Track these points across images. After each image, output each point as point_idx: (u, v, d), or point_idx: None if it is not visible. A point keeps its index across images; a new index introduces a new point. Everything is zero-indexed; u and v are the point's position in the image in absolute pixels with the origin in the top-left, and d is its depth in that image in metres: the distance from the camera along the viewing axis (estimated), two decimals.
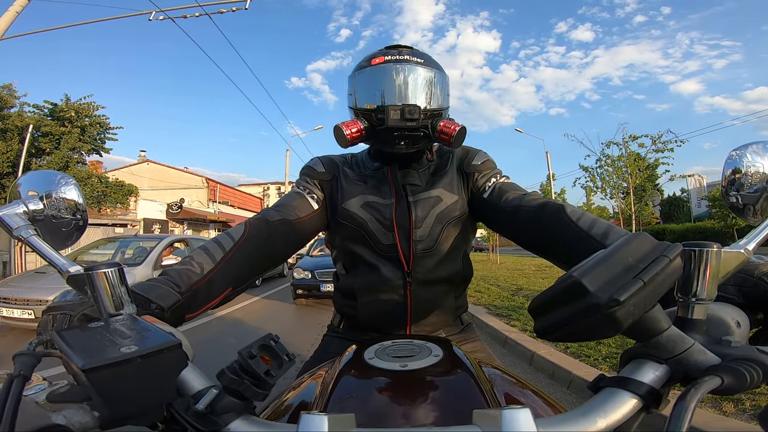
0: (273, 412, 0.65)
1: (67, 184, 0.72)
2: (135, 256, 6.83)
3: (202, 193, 26.07)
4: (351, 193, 1.01)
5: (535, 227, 0.86)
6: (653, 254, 0.38)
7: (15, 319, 5.01)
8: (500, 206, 0.95)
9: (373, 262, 0.99)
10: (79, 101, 15.31)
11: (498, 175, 1.02)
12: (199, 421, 0.39)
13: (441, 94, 0.97)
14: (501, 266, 14.34)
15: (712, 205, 17.97)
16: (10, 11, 8.12)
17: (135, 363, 0.37)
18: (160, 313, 0.62)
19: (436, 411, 0.54)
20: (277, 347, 0.42)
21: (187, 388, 0.42)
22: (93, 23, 9.99)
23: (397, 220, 0.97)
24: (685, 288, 0.43)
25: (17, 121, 13.73)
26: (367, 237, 0.99)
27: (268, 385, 0.40)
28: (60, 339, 0.40)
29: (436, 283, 1.00)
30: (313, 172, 1.05)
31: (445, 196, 1.00)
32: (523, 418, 0.34)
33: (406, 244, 0.97)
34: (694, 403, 0.34)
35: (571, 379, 3.18)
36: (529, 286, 8.40)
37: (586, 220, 0.77)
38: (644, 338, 0.40)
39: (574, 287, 0.36)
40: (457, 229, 1.01)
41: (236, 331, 5.57)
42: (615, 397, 0.39)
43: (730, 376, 0.36)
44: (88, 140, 15.59)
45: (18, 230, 0.63)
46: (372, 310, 1.01)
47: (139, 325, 0.45)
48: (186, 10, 8.97)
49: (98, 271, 0.51)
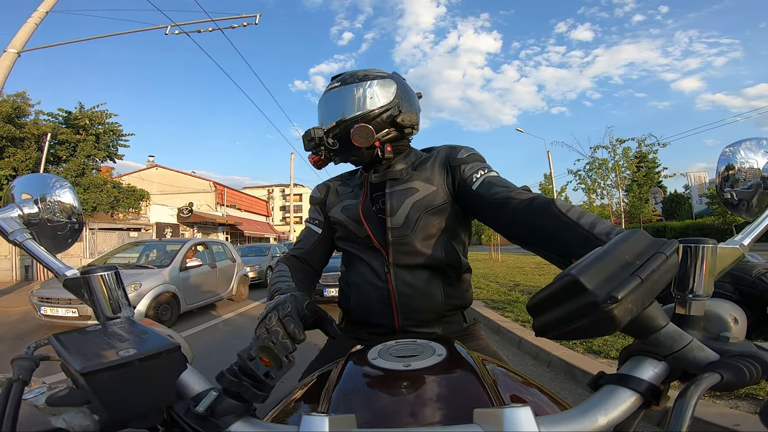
0: (279, 413, 0.65)
1: (62, 187, 0.72)
2: (159, 258, 7.25)
3: (209, 197, 26.34)
4: (334, 203, 1.19)
5: (525, 220, 0.87)
6: (650, 251, 0.38)
7: (59, 317, 5.49)
8: (489, 199, 0.96)
9: (360, 255, 1.12)
10: (92, 109, 15.61)
11: (486, 169, 1.04)
12: (199, 423, 0.39)
13: (361, 101, 1.08)
14: (502, 264, 14.54)
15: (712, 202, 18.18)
16: (29, 23, 8.29)
17: (134, 366, 0.37)
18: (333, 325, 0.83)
19: (439, 410, 0.54)
20: (277, 348, 0.42)
21: (187, 391, 0.42)
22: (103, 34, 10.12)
23: (364, 213, 1.09)
24: (682, 284, 0.43)
25: (33, 129, 13.93)
26: (350, 233, 1.12)
27: (267, 387, 0.40)
28: (58, 343, 0.40)
29: (416, 269, 1.05)
30: (314, 200, 1.27)
31: (421, 186, 1.07)
32: (524, 416, 0.34)
33: (381, 233, 1.07)
34: (694, 400, 0.34)
35: (551, 360, 3.68)
36: (526, 282, 8.73)
37: (575, 212, 0.78)
38: (643, 335, 0.40)
39: (572, 285, 0.36)
40: (437, 218, 1.05)
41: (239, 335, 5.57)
42: (615, 394, 0.39)
43: (729, 372, 0.36)
44: (103, 147, 15.93)
45: (13, 234, 0.63)
46: (362, 300, 1.10)
47: (137, 328, 0.45)
48: (200, 24, 9.45)
49: (95, 274, 0.51)
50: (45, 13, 8.39)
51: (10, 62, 8.17)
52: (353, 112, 1.08)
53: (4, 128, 12.86)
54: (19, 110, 14.12)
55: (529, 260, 15.53)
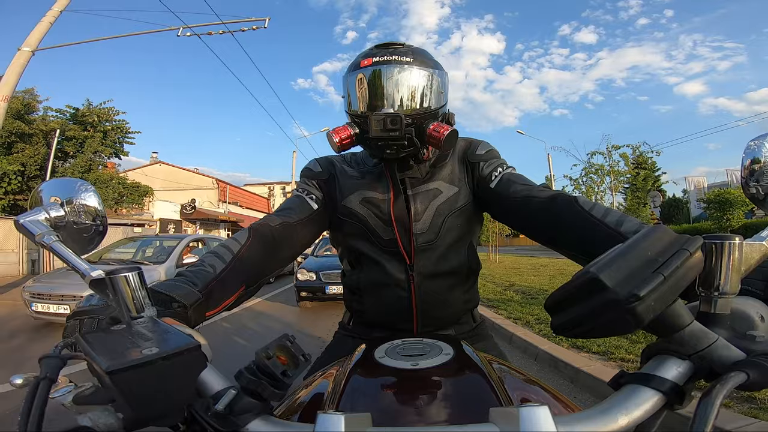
0: (286, 410, 0.66)
1: (87, 191, 0.74)
2: (156, 254, 7.21)
3: (212, 193, 26.65)
4: (350, 190, 1.03)
5: (547, 218, 0.84)
6: (673, 248, 0.37)
7: (50, 314, 5.33)
8: (509, 197, 0.93)
9: (376, 258, 1.00)
10: (99, 105, 15.97)
11: (504, 165, 1.00)
12: (218, 421, 0.39)
13: (432, 94, 0.92)
14: (500, 265, 14.64)
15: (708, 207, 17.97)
16: (43, 22, 8.41)
17: (157, 365, 0.38)
18: (182, 311, 0.63)
19: (449, 409, 0.54)
20: (293, 347, 0.42)
21: (207, 389, 0.43)
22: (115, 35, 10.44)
23: (395, 214, 0.98)
24: (706, 282, 0.42)
25: (42, 126, 14.34)
26: (368, 233, 1.00)
27: (285, 385, 0.40)
28: (84, 342, 0.41)
29: (440, 277, 0.99)
30: (311, 173, 1.07)
31: (444, 187, 1.00)
32: (543, 415, 0.34)
33: (406, 238, 0.98)
34: (719, 400, 0.33)
35: (537, 353, 3.99)
36: (521, 282, 8.96)
37: (600, 209, 0.76)
38: (666, 334, 0.40)
39: (592, 283, 0.35)
40: (460, 221, 1.00)
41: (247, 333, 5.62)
42: (637, 394, 0.39)
43: (756, 371, 0.35)
44: (110, 144, 16.33)
45: (41, 237, 0.65)
46: (378, 305, 1.02)
47: (160, 327, 0.46)
48: (211, 27, 9.61)
49: (120, 275, 0.52)
50: (59, 11, 8.46)
51: (24, 60, 8.21)
52: (435, 103, 0.93)
53: (14, 124, 13.20)
54: (28, 107, 14.52)
55: (525, 261, 15.69)
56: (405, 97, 0.90)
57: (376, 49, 0.93)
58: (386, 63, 0.90)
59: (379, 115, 0.87)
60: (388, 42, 0.95)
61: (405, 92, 0.90)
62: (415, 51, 0.93)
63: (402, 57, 0.90)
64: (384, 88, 0.90)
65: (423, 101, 0.91)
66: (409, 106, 0.90)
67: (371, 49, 0.94)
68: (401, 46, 0.93)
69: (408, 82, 0.90)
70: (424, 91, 0.91)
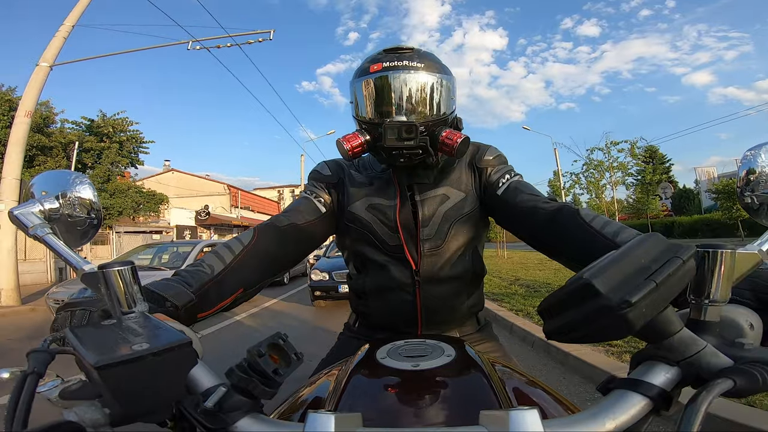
0: (287, 410, 0.66)
1: (82, 183, 0.73)
2: (172, 260, 7.53)
3: (224, 199, 27.15)
4: (356, 196, 1.02)
5: (550, 230, 0.84)
6: (666, 255, 0.37)
7: None
8: (516, 205, 0.93)
9: (382, 263, 1.00)
10: (113, 116, 16.28)
11: (512, 173, 1.00)
12: (207, 418, 0.39)
13: (443, 100, 0.92)
14: (508, 260, 14.91)
15: (717, 197, 18.01)
16: (57, 37, 8.59)
17: (147, 360, 0.37)
18: (174, 311, 0.63)
19: (445, 411, 0.54)
20: (286, 346, 0.42)
21: (197, 386, 0.43)
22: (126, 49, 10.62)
23: (401, 220, 0.98)
24: (698, 289, 0.42)
25: (60, 138, 14.57)
26: (373, 239, 1.00)
27: (276, 384, 0.40)
28: (73, 336, 0.41)
29: (446, 282, 0.99)
30: (320, 176, 1.07)
31: (452, 193, 1.00)
32: (530, 419, 0.34)
33: (412, 243, 0.98)
34: (705, 406, 0.33)
35: (534, 341, 4.37)
36: (526, 277, 9.25)
37: (599, 222, 0.77)
38: (656, 340, 0.40)
39: (585, 288, 0.35)
40: (467, 226, 1.00)
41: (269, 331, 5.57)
42: (625, 399, 0.39)
43: (742, 378, 0.35)
44: (126, 154, 16.70)
45: (34, 229, 0.64)
46: (383, 309, 1.02)
47: (150, 322, 0.46)
48: (219, 40, 10.08)
49: (112, 269, 0.52)
50: (71, 26, 8.69)
51: (43, 76, 8.47)
52: (446, 109, 0.93)
53: (34, 137, 13.30)
54: (46, 119, 14.73)
55: (533, 257, 15.77)
56: (417, 104, 0.90)
57: (385, 54, 0.92)
58: (396, 69, 0.89)
59: (393, 123, 0.86)
60: (396, 46, 0.94)
61: (416, 99, 0.90)
62: (424, 56, 0.92)
63: (411, 62, 0.89)
64: (394, 95, 0.89)
65: (435, 108, 0.91)
66: (421, 113, 0.90)
67: (379, 54, 0.94)
68: (410, 51, 0.92)
69: (419, 88, 0.89)
70: (435, 97, 0.91)
